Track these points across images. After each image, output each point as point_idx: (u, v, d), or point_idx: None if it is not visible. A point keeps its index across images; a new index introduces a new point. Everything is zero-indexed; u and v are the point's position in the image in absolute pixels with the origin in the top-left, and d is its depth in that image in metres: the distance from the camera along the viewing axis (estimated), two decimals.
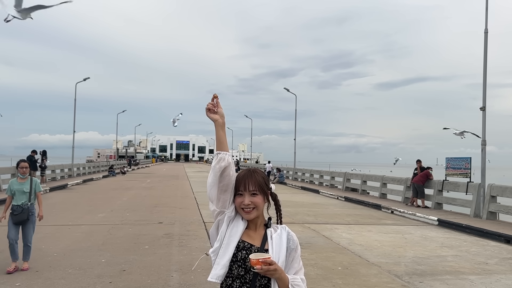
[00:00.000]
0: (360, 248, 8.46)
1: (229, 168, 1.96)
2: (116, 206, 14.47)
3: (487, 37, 14.02)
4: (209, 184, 1.98)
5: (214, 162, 1.98)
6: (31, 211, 6.50)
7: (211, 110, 2.04)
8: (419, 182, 15.55)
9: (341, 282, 6.10)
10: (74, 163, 31.22)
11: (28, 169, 6.59)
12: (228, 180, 1.96)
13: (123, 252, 7.63)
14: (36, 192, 6.62)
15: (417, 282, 6.20)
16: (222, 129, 2.05)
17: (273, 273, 1.81)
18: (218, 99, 2.07)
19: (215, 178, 1.96)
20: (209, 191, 2.00)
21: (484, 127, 13.94)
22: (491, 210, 12.55)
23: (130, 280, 5.97)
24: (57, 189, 20.53)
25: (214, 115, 2.04)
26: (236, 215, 2.03)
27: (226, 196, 1.98)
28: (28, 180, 6.54)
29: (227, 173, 1.96)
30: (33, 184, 6.56)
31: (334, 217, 13.15)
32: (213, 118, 2.04)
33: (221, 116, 2.05)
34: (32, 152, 20.65)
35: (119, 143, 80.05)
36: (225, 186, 1.97)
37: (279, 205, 2.14)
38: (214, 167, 1.96)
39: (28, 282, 5.80)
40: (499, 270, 7.06)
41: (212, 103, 2.06)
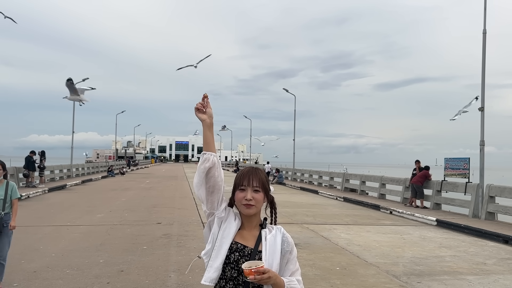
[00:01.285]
0: (359, 249, 8.46)
1: (213, 169, 1.94)
2: (114, 206, 14.46)
3: (486, 37, 14.04)
4: (195, 185, 1.97)
5: (200, 162, 1.97)
6: (5, 221, 5.46)
7: (200, 110, 2.03)
8: (418, 183, 15.55)
9: (339, 283, 6.10)
10: (73, 164, 31.19)
11: (3, 171, 5.49)
12: (213, 181, 1.95)
13: (121, 253, 7.62)
14: (12, 199, 5.56)
15: (415, 283, 6.20)
16: (210, 129, 2.04)
17: (267, 281, 1.79)
18: (208, 99, 2.06)
19: (200, 179, 1.95)
20: (196, 192, 1.99)
21: (483, 128, 13.95)
22: (490, 211, 12.56)
23: (128, 280, 5.96)
24: (56, 190, 20.51)
25: (202, 115, 2.03)
26: (228, 216, 2.01)
27: (213, 197, 1.97)
28: (4, 185, 5.50)
29: (212, 174, 1.94)
30: (9, 190, 5.52)
31: (332, 217, 13.15)
32: (201, 118, 2.03)
33: (209, 116, 2.04)
34: (31, 152, 20.63)
35: (118, 144, 79.99)
36: (211, 187, 1.96)
37: (275, 206, 2.13)
38: (199, 168, 1.95)
39: (25, 282, 5.79)
40: (497, 271, 7.06)
41: (202, 103, 2.04)
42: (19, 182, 19.74)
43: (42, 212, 12.95)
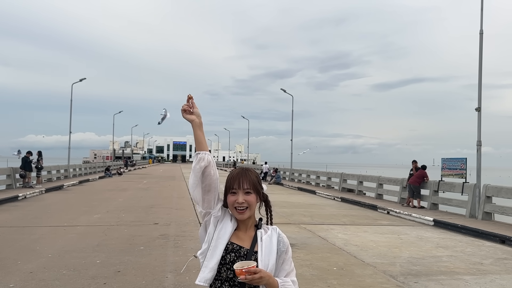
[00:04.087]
0: (356, 249, 8.47)
1: (209, 167, 1.94)
2: (112, 207, 14.43)
3: (483, 38, 14.08)
4: (191, 185, 1.96)
5: (194, 162, 1.96)
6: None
7: (187, 111, 2.02)
8: (415, 183, 15.58)
9: (336, 283, 6.10)
10: (70, 164, 31.13)
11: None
12: (209, 179, 1.95)
13: (118, 253, 7.60)
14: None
15: (412, 283, 6.21)
16: (200, 128, 2.03)
17: (258, 281, 1.78)
18: (193, 99, 2.05)
19: (196, 178, 1.94)
20: (192, 192, 1.98)
21: (480, 128, 13.98)
22: (487, 211, 12.59)
23: (124, 281, 5.95)
24: (53, 190, 20.45)
25: (190, 115, 2.02)
26: (224, 216, 2.00)
27: (210, 196, 1.97)
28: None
29: (208, 172, 1.94)
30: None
31: (330, 217, 13.15)
32: (189, 119, 2.02)
33: (198, 116, 2.03)
34: (28, 153, 20.57)
35: (115, 144, 79.77)
36: (207, 186, 1.96)
37: (270, 205, 2.11)
38: (195, 168, 1.94)
39: (22, 283, 5.76)
40: (494, 270, 7.08)
41: (188, 104, 2.03)
42: (16, 183, 19.69)
43: (39, 213, 12.91)
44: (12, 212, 12.81)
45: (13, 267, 6.53)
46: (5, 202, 14.99)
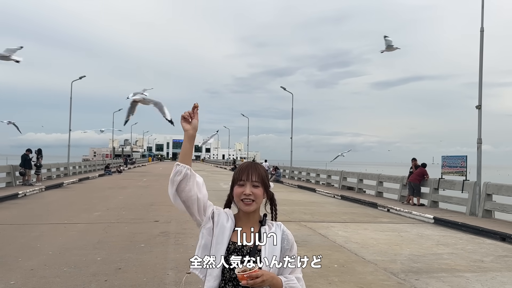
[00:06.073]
0: (356, 246, 8.47)
1: (184, 182, 1.88)
2: (112, 204, 14.43)
3: (483, 35, 14.06)
4: (170, 196, 1.92)
5: (172, 174, 1.90)
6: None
7: (186, 119, 1.98)
8: (415, 181, 15.59)
9: (337, 280, 6.11)
10: (70, 162, 31.11)
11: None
12: (185, 196, 1.89)
13: (119, 251, 7.60)
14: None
15: (413, 280, 6.22)
16: (190, 141, 1.97)
17: (260, 285, 1.75)
18: (197, 109, 2.00)
19: (172, 190, 1.89)
20: (174, 203, 1.94)
21: (480, 126, 13.97)
22: (487, 208, 12.59)
23: (125, 278, 5.95)
24: (53, 188, 20.45)
25: (186, 124, 1.97)
26: (219, 220, 1.95)
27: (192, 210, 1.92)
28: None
29: (182, 188, 1.88)
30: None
31: (330, 215, 13.16)
32: (184, 128, 1.97)
33: (193, 128, 1.97)
34: (27, 151, 20.54)
35: (115, 142, 79.65)
36: (184, 202, 1.90)
37: (275, 203, 2.10)
38: (171, 180, 1.89)
39: (23, 280, 5.76)
40: (495, 268, 7.09)
41: (190, 112, 1.99)
42: (15, 180, 19.68)
43: (39, 210, 12.90)
44: (12, 210, 12.81)
45: (14, 264, 6.53)
46: (5, 200, 14.98)
